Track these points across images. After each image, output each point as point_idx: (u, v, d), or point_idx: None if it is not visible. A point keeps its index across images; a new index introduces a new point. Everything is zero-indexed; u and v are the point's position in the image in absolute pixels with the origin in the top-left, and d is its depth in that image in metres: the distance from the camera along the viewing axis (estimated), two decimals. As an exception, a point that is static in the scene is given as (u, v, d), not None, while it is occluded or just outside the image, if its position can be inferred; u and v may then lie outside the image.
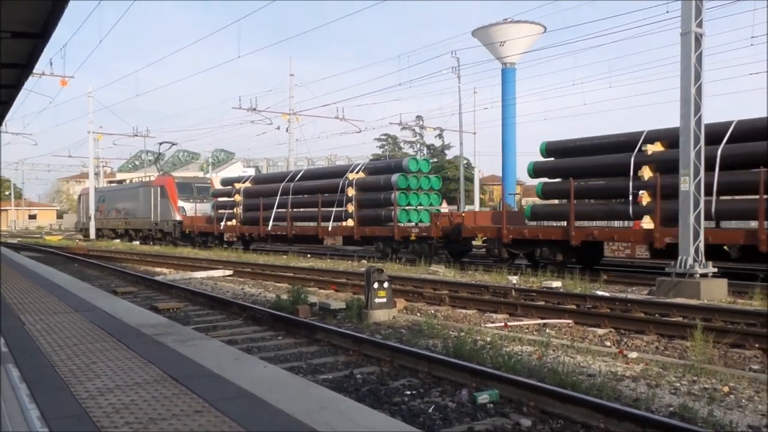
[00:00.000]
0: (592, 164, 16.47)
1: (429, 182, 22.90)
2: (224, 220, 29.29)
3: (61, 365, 4.90)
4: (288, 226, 25.53)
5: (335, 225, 23.45)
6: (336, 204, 23.46)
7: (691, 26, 12.00)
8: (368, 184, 22.98)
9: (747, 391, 5.91)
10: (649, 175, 14.91)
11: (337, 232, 23.66)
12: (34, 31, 8.11)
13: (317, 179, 25.82)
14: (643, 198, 14.96)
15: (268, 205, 26.67)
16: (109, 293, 11.18)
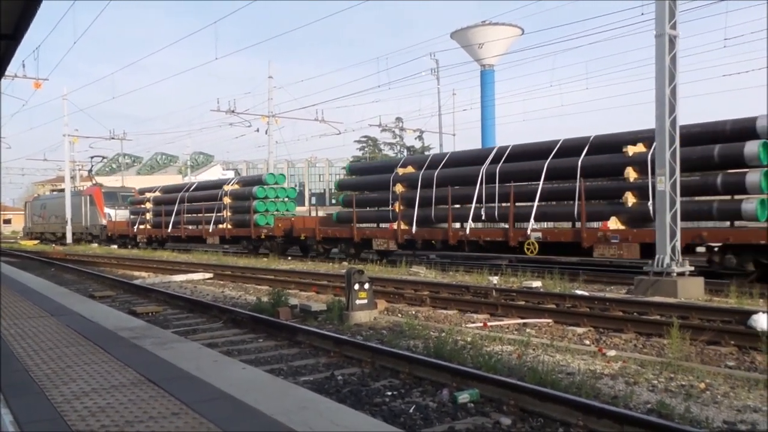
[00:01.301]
0: (370, 182, 22.69)
1: (285, 192, 28.51)
2: (137, 224, 35.11)
3: (35, 370, 4.82)
4: (182, 229, 31.54)
5: (215, 227, 29.14)
6: (216, 210, 29.23)
7: (665, 28, 12.17)
8: (239, 194, 28.60)
9: (723, 387, 6.00)
10: (401, 190, 20.56)
11: (216, 233, 29.19)
12: (6, 33, 7.99)
13: (204, 190, 31.77)
14: (397, 206, 20.40)
15: (168, 211, 32.31)
16: (87, 297, 11.04)
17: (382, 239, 20.90)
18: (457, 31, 51.71)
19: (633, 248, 14.43)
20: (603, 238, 14.99)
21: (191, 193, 31.88)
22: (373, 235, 21.28)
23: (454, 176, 19.17)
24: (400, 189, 20.40)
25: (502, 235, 17.32)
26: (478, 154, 20.16)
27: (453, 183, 19.03)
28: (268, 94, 38.95)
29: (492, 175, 17.82)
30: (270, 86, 38.97)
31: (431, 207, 19.39)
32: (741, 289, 11.42)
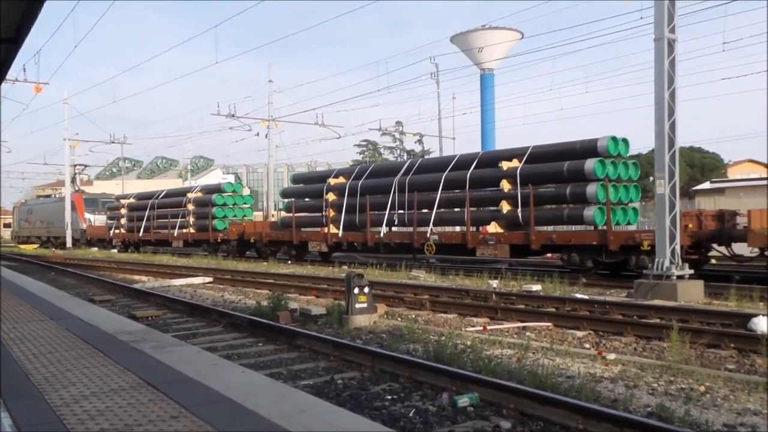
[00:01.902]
0: (307, 190, 25.27)
1: (242, 200, 31.24)
2: (113, 228, 37.82)
3: (35, 373, 4.82)
4: (152, 233, 33.97)
5: (179, 232, 31.79)
6: (181, 216, 31.74)
7: (664, 32, 12.20)
8: (201, 201, 31.16)
9: (722, 390, 5.99)
10: (332, 199, 23.06)
11: (180, 237, 31.97)
12: (7, 37, 8.00)
13: (171, 197, 34.10)
14: (329, 212, 22.83)
15: (140, 217, 34.84)
16: (86, 301, 11.04)
17: (316, 242, 23.97)
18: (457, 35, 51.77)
19: (504, 248, 17.50)
20: (482, 240, 17.77)
21: (160, 200, 34.54)
22: (309, 238, 24.27)
23: (374, 186, 21.70)
24: (332, 197, 23.09)
25: (408, 237, 19.94)
26: (393, 166, 23.54)
27: (373, 192, 21.52)
28: (269, 98, 39.00)
29: (403, 186, 20.39)
30: (270, 90, 39.01)
31: (356, 213, 21.79)
32: (741, 293, 11.41)
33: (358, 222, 21.70)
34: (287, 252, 25.34)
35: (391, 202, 20.43)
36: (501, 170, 17.80)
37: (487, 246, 17.81)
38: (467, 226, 18.36)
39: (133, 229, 35.48)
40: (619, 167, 16.38)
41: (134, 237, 35.28)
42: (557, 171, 16.69)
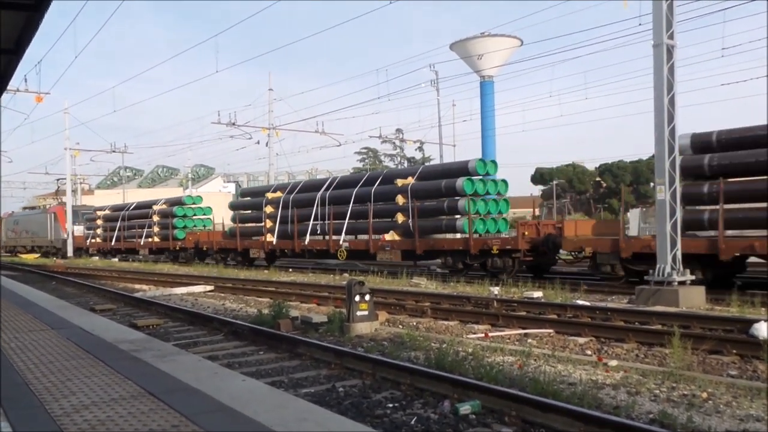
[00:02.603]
0: (250, 203, 28.83)
1: (202, 211, 34.49)
2: (91, 238, 41.42)
3: (35, 383, 4.82)
4: (122, 242, 37.79)
5: (145, 240, 35.37)
6: (147, 226, 35.21)
7: (662, 38, 12.23)
8: (164, 212, 34.62)
9: (725, 396, 5.97)
10: (270, 211, 26.11)
11: (146, 245, 35.68)
12: (8, 47, 8.04)
13: (139, 209, 37.56)
14: (266, 223, 25.91)
15: (113, 227, 38.66)
16: (87, 311, 11.02)
17: (256, 249, 26.93)
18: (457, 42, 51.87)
19: (397, 253, 20.45)
20: (381, 247, 20.83)
21: (130, 211, 38.01)
22: (250, 246, 27.24)
23: (302, 200, 24.86)
24: (269, 210, 26.04)
25: (326, 245, 22.93)
26: (318, 183, 26.07)
27: (301, 205, 24.63)
28: (269, 106, 39.13)
29: (324, 200, 23.59)
30: (270, 98, 39.15)
31: (288, 224, 24.75)
32: (743, 298, 11.40)
33: (290, 231, 24.58)
34: (234, 258, 28.23)
35: (314, 214, 23.71)
36: (397, 186, 21.23)
37: (385, 252, 20.87)
38: (369, 234, 21.33)
39: (107, 239, 39.31)
40: (488, 185, 19.79)
41: (107, 245, 38.99)
42: (438, 188, 20.12)
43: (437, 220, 20.12)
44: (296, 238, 24.10)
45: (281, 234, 25.22)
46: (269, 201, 26.25)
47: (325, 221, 23.10)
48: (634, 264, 14.46)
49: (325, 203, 23.46)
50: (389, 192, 21.58)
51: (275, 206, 25.82)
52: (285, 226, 24.98)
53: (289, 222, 24.61)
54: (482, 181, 19.57)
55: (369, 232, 21.35)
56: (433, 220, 20.23)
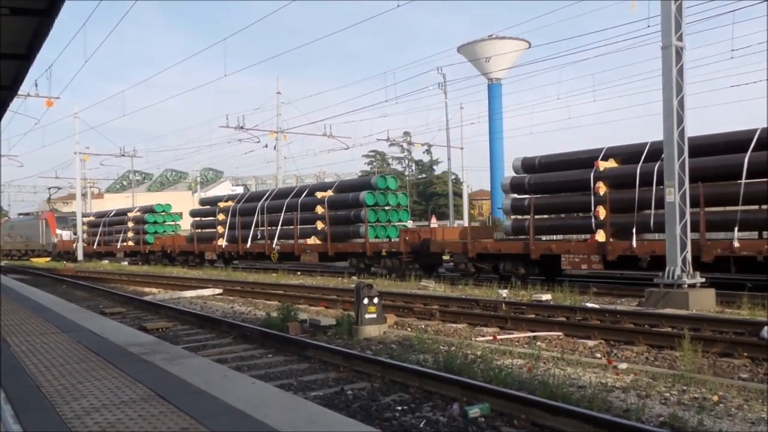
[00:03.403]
0: (205, 211, 32.51)
1: (171, 218, 38.76)
2: (76, 242, 44.10)
3: (47, 385, 4.85)
4: (102, 246, 41.72)
5: (122, 245, 39.24)
6: (123, 232, 39.17)
7: (671, 40, 12.18)
8: (138, 219, 38.46)
9: (736, 399, 5.93)
10: (221, 218, 29.54)
11: (122, 249, 39.43)
12: (19, 53, 8.11)
13: (118, 216, 40.95)
14: (219, 229, 29.46)
15: (95, 232, 42.67)
16: (97, 314, 11.08)
17: (209, 252, 30.78)
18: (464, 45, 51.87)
19: (315, 256, 24.08)
20: (304, 250, 24.51)
21: (110, 218, 41.73)
22: (205, 249, 30.98)
23: (247, 209, 28.21)
24: (221, 217, 29.56)
25: (263, 248, 26.60)
26: (261, 193, 29.59)
27: (246, 214, 27.97)
28: (277, 109, 39.23)
29: (263, 209, 26.96)
30: (278, 102, 39.26)
31: (235, 230, 28.32)
32: (754, 301, 11.32)
33: (237, 237, 28.20)
34: (193, 260, 31.99)
35: (255, 221, 27.18)
36: (317, 198, 24.64)
37: (307, 254, 24.50)
38: (295, 239, 24.89)
39: (90, 243, 42.95)
40: (389, 197, 23.51)
41: (90, 249, 42.73)
42: (347, 199, 23.73)
43: (347, 227, 23.54)
44: (240, 242, 27.89)
45: (230, 239, 28.88)
46: (221, 209, 29.81)
47: (263, 228, 26.65)
48: (479, 262, 18.17)
49: (264, 212, 26.93)
50: (312, 202, 24.94)
51: (226, 214, 29.37)
52: (233, 231, 28.63)
53: (236, 228, 28.30)
54: (382, 194, 23.35)
55: (295, 237, 24.99)
56: (343, 227, 23.67)
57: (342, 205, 23.89)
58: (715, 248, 13.54)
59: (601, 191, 15.89)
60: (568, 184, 17.17)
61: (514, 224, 18.11)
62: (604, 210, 15.74)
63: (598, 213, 15.80)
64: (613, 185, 15.91)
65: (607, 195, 15.79)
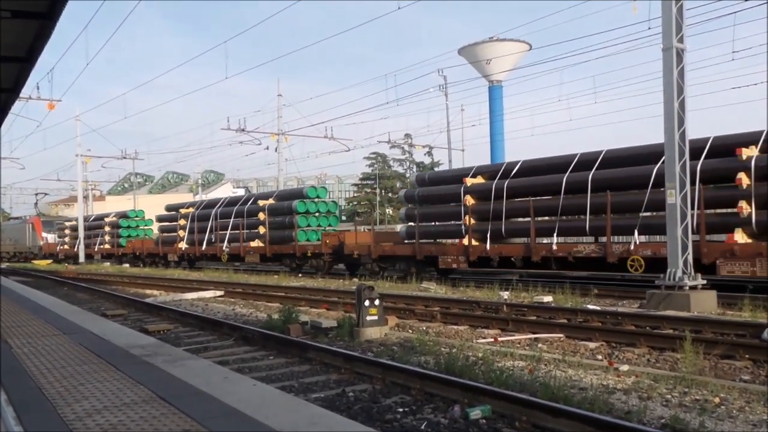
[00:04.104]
0: (167, 216, 36.39)
1: (144, 222, 42.37)
2: (60, 245, 48.47)
3: (48, 387, 4.85)
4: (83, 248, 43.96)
5: (99, 247, 43.35)
6: (101, 235, 43.37)
7: (672, 42, 12.19)
8: (114, 224, 42.41)
9: (738, 401, 5.93)
10: (183, 223, 33.37)
11: (99, 251, 43.60)
12: (20, 56, 8.13)
13: (96, 221, 45.32)
14: (180, 233, 33.24)
15: (75, 236, 45.21)
16: (99, 316, 11.09)
17: (172, 254, 34.08)
18: (465, 47, 51.91)
19: (257, 257, 27.50)
20: (247, 252, 27.84)
21: (90, 222, 45.48)
22: (167, 251, 34.41)
23: (203, 215, 31.82)
24: (182, 222, 33.29)
25: (214, 251, 30.11)
26: (215, 201, 33.01)
27: (202, 220, 31.61)
28: (278, 112, 39.26)
29: (216, 215, 30.67)
30: (279, 104, 39.29)
31: (194, 234, 31.86)
32: (755, 303, 11.31)
33: (195, 240, 31.75)
34: (159, 260, 35.68)
35: (210, 226, 30.75)
36: (259, 206, 28.03)
37: (250, 255, 27.81)
38: (241, 243, 28.19)
39: (72, 246, 45.81)
40: (319, 205, 27.13)
41: (73, 251, 45.33)
42: (283, 207, 27.24)
43: (283, 231, 26.77)
44: (197, 245, 31.43)
45: (189, 242, 32.47)
46: (182, 215, 33.48)
47: (216, 232, 30.33)
48: (381, 262, 21.50)
49: (217, 218, 30.57)
50: (256, 210, 28.24)
51: (186, 219, 32.97)
52: (192, 235, 32.07)
53: (195, 232, 31.79)
54: (313, 202, 26.88)
55: (241, 240, 28.25)
56: (280, 232, 26.93)
57: (279, 212, 27.22)
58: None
59: (468, 203, 18.85)
60: (445, 197, 20.24)
61: (407, 230, 21.10)
62: (471, 218, 18.77)
63: (466, 221, 18.81)
64: (478, 198, 18.88)
65: (473, 206, 18.83)
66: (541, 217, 17.30)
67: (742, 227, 13.51)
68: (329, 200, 28.43)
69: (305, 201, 26.49)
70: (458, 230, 19.18)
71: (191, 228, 32.23)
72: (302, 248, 24.98)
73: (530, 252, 16.74)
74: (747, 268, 12.99)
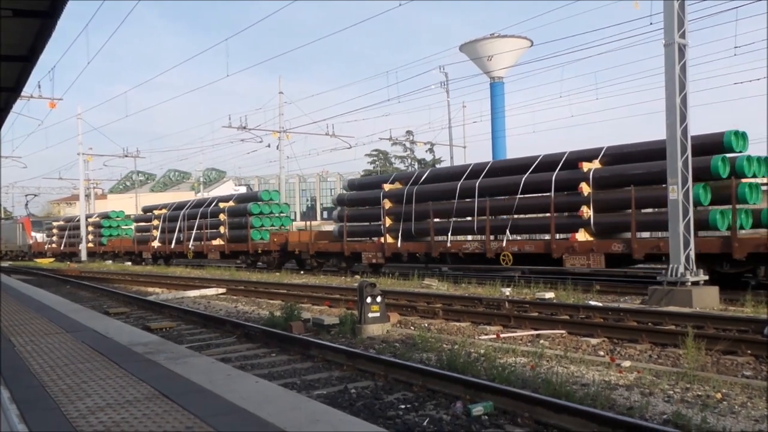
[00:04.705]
0: (143, 218, 39.54)
1: (125, 222, 45.27)
2: (48, 243, 51.38)
3: (51, 385, 4.87)
4: (66, 248, 47.59)
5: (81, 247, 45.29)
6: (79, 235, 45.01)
7: (674, 37, 12.16)
8: (96, 224, 45.38)
9: (740, 397, 5.93)
10: (156, 223, 36.53)
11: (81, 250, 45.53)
12: (22, 54, 8.14)
13: (73, 222, 47.79)
14: (153, 233, 36.55)
15: (62, 235, 48.91)
16: (101, 314, 11.11)
17: (147, 252, 37.37)
18: (466, 44, 51.84)
19: (217, 253, 30.76)
20: (210, 249, 31.21)
21: (74, 223, 47.47)
22: (143, 249, 37.99)
23: (172, 216, 34.84)
24: (156, 222, 36.29)
25: (182, 248, 33.41)
26: (183, 203, 36.06)
27: (171, 220, 34.80)
28: (279, 109, 39.24)
29: (184, 217, 33.74)
30: (281, 102, 39.27)
31: (165, 234, 35.05)
32: (757, 298, 11.30)
33: (166, 240, 35.11)
34: (135, 258, 38.90)
35: (178, 227, 33.95)
36: (220, 208, 31.22)
37: (211, 251, 31.09)
38: (204, 242, 31.64)
39: (59, 245, 49.06)
40: (273, 207, 30.20)
41: (59, 250, 48.54)
42: (240, 209, 30.28)
43: (240, 231, 29.84)
44: (167, 243, 34.74)
45: (161, 241, 35.63)
46: (155, 216, 36.48)
47: (183, 233, 33.47)
48: (318, 258, 24.55)
49: (185, 219, 33.59)
50: (217, 212, 31.43)
51: (159, 220, 35.98)
52: (164, 235, 35.20)
53: (166, 233, 35.00)
54: (267, 205, 29.93)
55: (204, 239, 31.67)
56: (237, 231, 30.01)
57: (237, 213, 30.31)
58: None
59: (386, 206, 21.45)
60: (369, 201, 22.86)
61: (338, 230, 23.54)
62: (389, 220, 21.38)
63: (384, 222, 21.38)
64: (394, 202, 21.44)
65: (390, 209, 21.46)
66: (441, 218, 19.91)
67: (584, 228, 16.16)
68: (282, 203, 31.69)
69: (259, 204, 29.70)
70: (378, 230, 21.84)
71: (163, 228, 35.39)
72: (255, 246, 28.18)
73: (431, 249, 19.46)
74: (584, 261, 15.79)
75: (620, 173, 15.75)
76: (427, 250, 19.67)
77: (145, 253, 37.49)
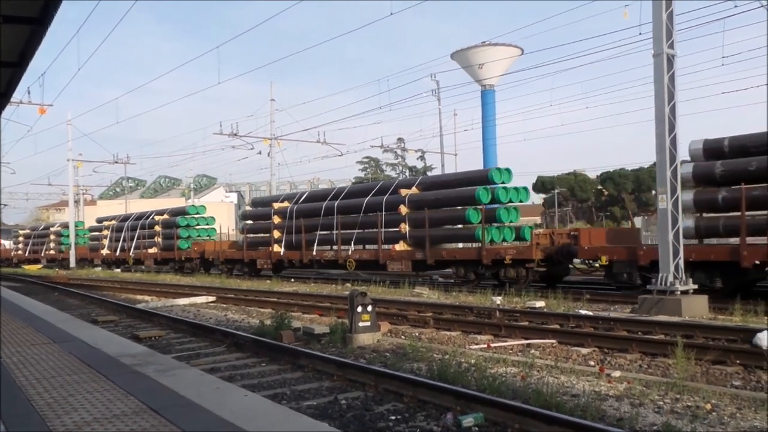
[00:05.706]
0: (100, 227, 43.38)
1: (84, 232, 47.23)
2: (14, 251, 55.11)
3: (37, 398, 4.81)
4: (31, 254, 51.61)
5: (46, 253, 49.25)
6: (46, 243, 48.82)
7: (663, 47, 12.26)
8: (58, 232, 48.20)
9: (729, 407, 5.94)
10: (106, 233, 41.43)
11: (45, 257, 49.52)
12: (11, 60, 8.09)
13: (45, 229, 51.61)
14: (104, 242, 41.43)
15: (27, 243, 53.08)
16: (90, 323, 11.02)
17: (97, 258, 42.01)
18: (457, 51, 52.03)
19: (151, 260, 35.39)
20: (146, 257, 35.76)
21: (39, 231, 52.39)
22: (94, 256, 42.47)
23: (119, 227, 39.54)
24: (105, 232, 41.19)
25: (125, 255, 37.75)
26: (128, 216, 40.97)
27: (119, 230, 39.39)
28: (270, 116, 39.22)
29: (128, 227, 38.46)
30: (272, 109, 39.25)
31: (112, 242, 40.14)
32: (746, 307, 11.36)
33: (112, 248, 40.00)
34: (88, 264, 43.00)
35: (122, 236, 38.52)
36: (156, 220, 36.10)
37: (148, 259, 35.66)
38: (142, 249, 36.34)
39: (24, 251, 52.85)
40: (200, 220, 35.12)
41: (23, 257, 52.31)
42: (171, 222, 34.80)
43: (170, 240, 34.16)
44: (112, 251, 39.79)
45: (109, 248, 40.29)
46: (105, 227, 41.50)
47: (127, 242, 37.97)
48: (227, 264, 29.07)
49: (129, 229, 38.34)
50: (153, 224, 36.04)
51: (108, 230, 40.87)
52: (111, 243, 39.81)
53: (113, 241, 39.69)
54: (194, 218, 34.80)
55: (142, 248, 36.57)
56: (169, 241, 34.34)
57: (169, 225, 34.93)
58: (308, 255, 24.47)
59: (276, 221, 26.26)
60: (263, 216, 27.90)
61: (242, 241, 28.81)
62: (277, 232, 26.05)
63: (273, 234, 26.06)
64: (281, 217, 26.22)
65: (278, 224, 26.12)
66: (310, 233, 24.45)
67: (402, 240, 21.24)
68: (208, 216, 36.20)
69: (186, 217, 34.63)
70: (269, 241, 26.54)
71: (111, 237, 40.45)
72: (180, 254, 32.68)
73: (302, 257, 24.54)
74: (401, 266, 20.83)
75: (425, 198, 21.18)
76: (300, 257, 24.70)
77: (96, 259, 42.32)
